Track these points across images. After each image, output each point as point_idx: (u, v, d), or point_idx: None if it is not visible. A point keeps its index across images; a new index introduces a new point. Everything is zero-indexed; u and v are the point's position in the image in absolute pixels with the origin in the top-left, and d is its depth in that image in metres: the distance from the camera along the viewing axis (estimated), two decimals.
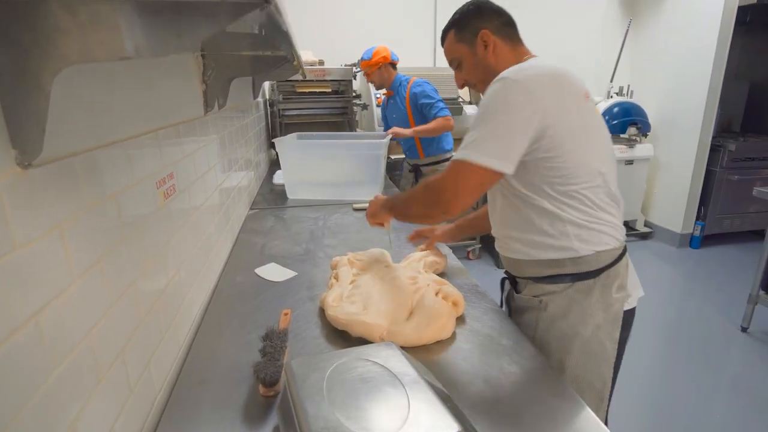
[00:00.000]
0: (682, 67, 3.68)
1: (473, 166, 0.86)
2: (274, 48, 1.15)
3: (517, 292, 1.07)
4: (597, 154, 0.94)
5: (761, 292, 2.49)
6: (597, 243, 0.95)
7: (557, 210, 0.93)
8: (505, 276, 1.14)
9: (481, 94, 0.97)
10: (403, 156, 2.83)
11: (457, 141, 3.46)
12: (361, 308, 0.95)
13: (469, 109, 3.25)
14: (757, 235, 4.02)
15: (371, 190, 2.03)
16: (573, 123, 0.90)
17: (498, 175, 0.88)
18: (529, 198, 0.95)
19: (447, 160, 2.62)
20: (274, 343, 0.82)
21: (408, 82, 2.54)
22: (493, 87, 0.89)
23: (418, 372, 0.69)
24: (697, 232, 3.79)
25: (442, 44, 1.12)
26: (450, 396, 0.71)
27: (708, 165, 3.69)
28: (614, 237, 0.97)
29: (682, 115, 3.72)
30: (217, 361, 0.87)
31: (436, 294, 1.00)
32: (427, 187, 0.95)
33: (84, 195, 0.56)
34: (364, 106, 2.94)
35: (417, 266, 1.19)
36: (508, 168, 0.87)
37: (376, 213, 1.17)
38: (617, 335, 0.98)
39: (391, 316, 0.93)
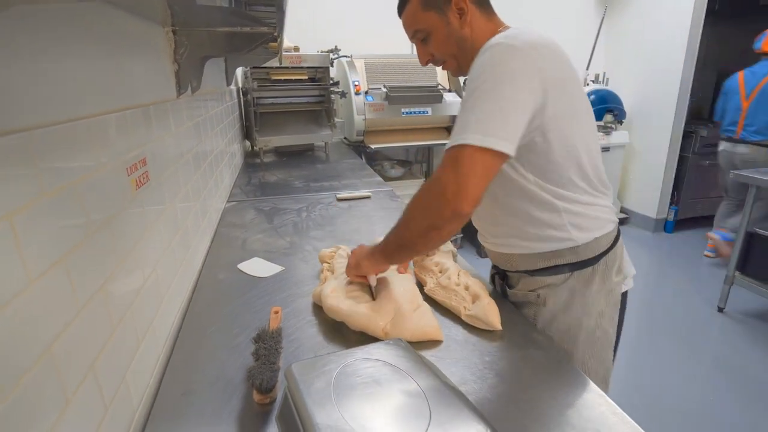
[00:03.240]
0: (655, 55, 3.73)
1: (476, 150, 0.72)
2: (254, 21, 1.05)
3: (509, 287, 0.99)
4: (588, 137, 0.86)
5: (737, 273, 2.55)
6: (594, 229, 0.89)
7: (551, 198, 0.85)
8: (494, 271, 1.07)
9: (448, 72, 0.86)
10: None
11: (437, 130, 3.43)
12: (361, 300, 0.88)
13: (449, 97, 3.19)
14: None
15: None
16: (568, 100, 0.81)
17: (503, 159, 0.74)
18: (520, 186, 0.85)
19: None
20: (267, 345, 0.74)
21: None
22: (485, 56, 0.76)
23: (433, 372, 0.62)
24: (671, 217, 3.88)
25: (400, 13, 0.92)
26: (466, 396, 0.65)
27: (680, 151, 3.77)
28: (610, 220, 0.92)
29: (656, 102, 3.78)
30: (203, 368, 0.78)
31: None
32: (423, 192, 0.79)
33: (41, 180, 0.47)
34: (343, 94, 2.84)
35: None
36: (512, 149, 0.74)
37: (359, 264, 0.92)
38: (617, 319, 0.95)
39: (395, 307, 0.86)
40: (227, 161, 1.92)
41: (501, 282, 1.03)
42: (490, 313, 0.87)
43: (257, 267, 1.18)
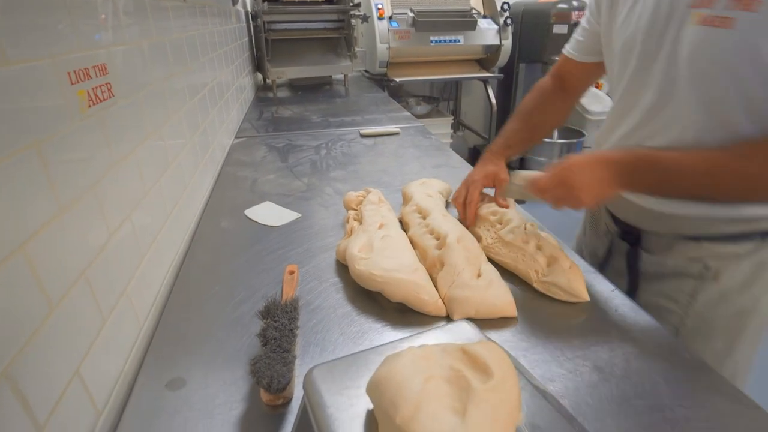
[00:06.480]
0: None
1: None
2: None
3: (646, 251, 0.77)
4: None
5: None
6: None
7: None
8: (619, 228, 0.82)
9: None
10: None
11: (468, 63, 3.06)
12: (404, 263, 0.67)
13: (484, 23, 2.81)
14: None
15: None
16: None
17: None
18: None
19: None
20: (278, 324, 0.54)
21: None
22: None
23: (523, 375, 0.41)
24: None
25: None
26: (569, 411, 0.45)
27: None
28: None
29: None
30: (194, 350, 0.59)
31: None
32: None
33: None
34: (365, 18, 2.49)
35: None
36: None
37: (594, 187, 0.63)
38: None
39: (452, 272, 0.65)
40: (234, 93, 1.67)
41: (628, 246, 0.80)
42: (574, 280, 0.65)
43: (268, 213, 0.97)
